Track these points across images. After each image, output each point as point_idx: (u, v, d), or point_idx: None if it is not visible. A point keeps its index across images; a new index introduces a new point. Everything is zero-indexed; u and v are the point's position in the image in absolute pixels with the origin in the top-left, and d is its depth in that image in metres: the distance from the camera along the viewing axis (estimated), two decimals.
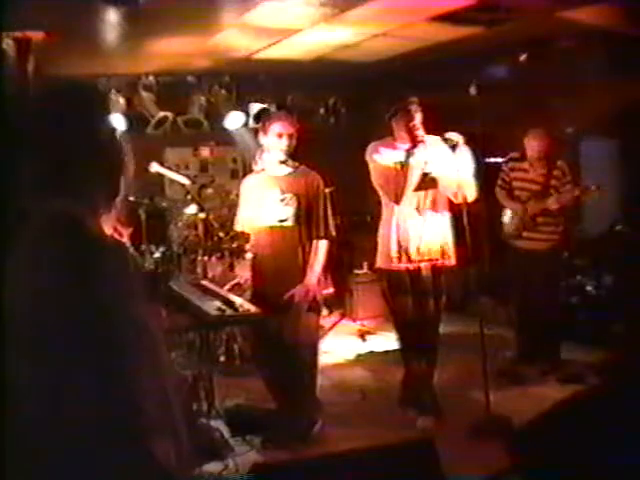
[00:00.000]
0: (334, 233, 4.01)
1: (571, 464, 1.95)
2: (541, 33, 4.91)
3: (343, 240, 6.84)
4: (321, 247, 3.88)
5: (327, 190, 4.05)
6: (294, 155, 3.94)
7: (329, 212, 3.97)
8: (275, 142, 3.88)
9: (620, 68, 4.97)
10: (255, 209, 4.03)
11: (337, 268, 4.26)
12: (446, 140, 3.95)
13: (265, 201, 3.96)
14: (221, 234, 5.91)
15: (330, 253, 3.96)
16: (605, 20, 4.55)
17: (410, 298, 4.12)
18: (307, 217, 3.88)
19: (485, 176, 4.23)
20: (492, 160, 4.04)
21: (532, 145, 4.93)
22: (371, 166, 4.11)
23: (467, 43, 5.11)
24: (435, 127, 4.04)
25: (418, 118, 4.00)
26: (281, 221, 3.88)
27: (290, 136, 3.87)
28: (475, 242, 4.03)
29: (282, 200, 3.89)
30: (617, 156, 5.93)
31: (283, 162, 3.92)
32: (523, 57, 5.40)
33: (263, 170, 4.05)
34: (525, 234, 4.96)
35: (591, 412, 2.06)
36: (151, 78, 6.11)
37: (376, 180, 4.11)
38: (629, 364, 3.08)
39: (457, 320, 5.98)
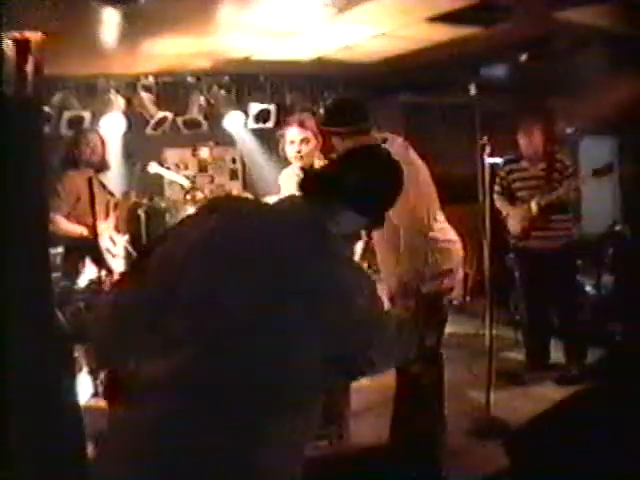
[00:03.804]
0: None
1: (570, 464, 1.94)
2: (541, 33, 4.91)
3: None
4: None
5: None
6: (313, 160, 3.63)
7: None
8: (289, 150, 3.62)
9: (620, 68, 4.97)
10: None
11: None
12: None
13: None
14: None
15: None
16: (605, 20, 4.54)
17: None
18: None
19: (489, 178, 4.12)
20: (492, 161, 3.99)
21: (526, 142, 4.79)
22: None
23: (467, 43, 5.11)
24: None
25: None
26: None
27: (303, 141, 3.57)
28: (473, 243, 3.96)
29: None
30: (617, 155, 5.92)
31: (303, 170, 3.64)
32: (523, 57, 5.39)
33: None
34: (535, 233, 4.76)
35: (590, 412, 2.06)
36: (150, 78, 6.10)
37: None
38: (629, 364, 3.07)
39: (457, 320, 5.99)
